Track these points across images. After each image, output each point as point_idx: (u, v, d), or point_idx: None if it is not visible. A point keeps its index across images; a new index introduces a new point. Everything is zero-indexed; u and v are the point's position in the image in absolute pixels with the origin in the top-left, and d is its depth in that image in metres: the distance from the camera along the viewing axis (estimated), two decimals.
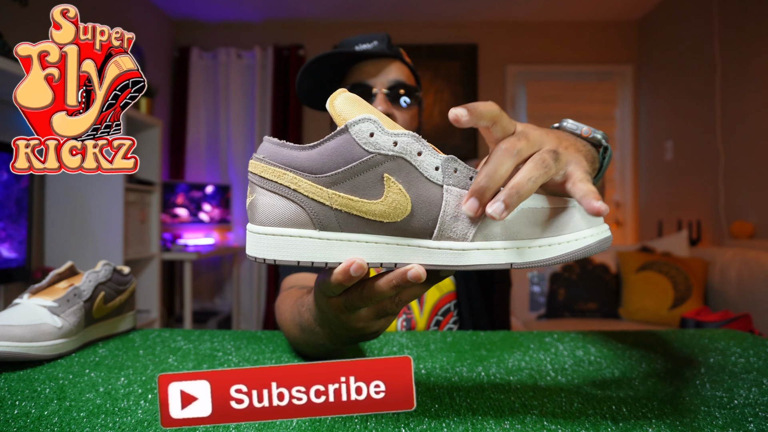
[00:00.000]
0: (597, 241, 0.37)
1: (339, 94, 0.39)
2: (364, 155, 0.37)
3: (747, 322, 1.55)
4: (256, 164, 0.39)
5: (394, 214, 0.38)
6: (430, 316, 0.89)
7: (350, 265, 0.37)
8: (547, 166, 0.37)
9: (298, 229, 0.38)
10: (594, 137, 0.48)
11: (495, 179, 0.37)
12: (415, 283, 0.37)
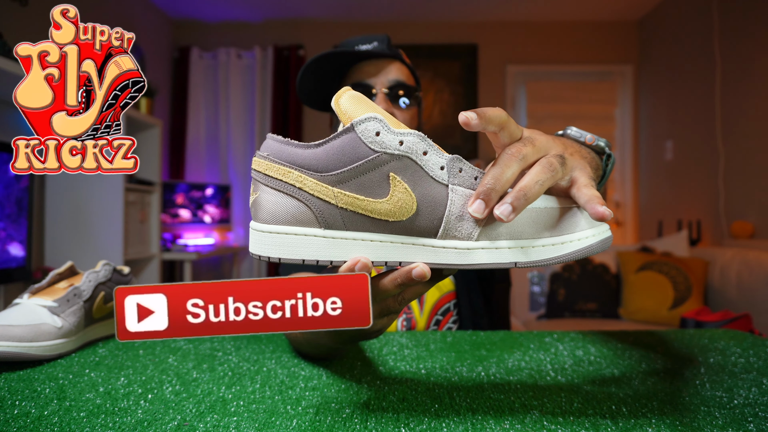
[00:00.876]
0: (598, 241, 0.38)
1: (344, 93, 0.39)
2: (370, 154, 0.37)
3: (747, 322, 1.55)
4: (260, 162, 0.39)
5: (399, 213, 0.38)
6: (430, 315, 0.89)
7: (355, 263, 0.37)
8: (554, 170, 0.39)
9: (303, 228, 0.38)
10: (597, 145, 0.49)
11: (501, 182, 0.38)
12: (419, 281, 0.38)
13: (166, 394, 0.47)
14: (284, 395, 0.47)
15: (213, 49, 3.68)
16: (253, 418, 0.42)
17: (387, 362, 0.59)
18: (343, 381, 0.51)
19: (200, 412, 0.43)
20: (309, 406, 0.44)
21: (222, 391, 0.48)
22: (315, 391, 0.48)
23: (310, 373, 0.54)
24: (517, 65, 3.65)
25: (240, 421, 0.41)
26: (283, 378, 0.52)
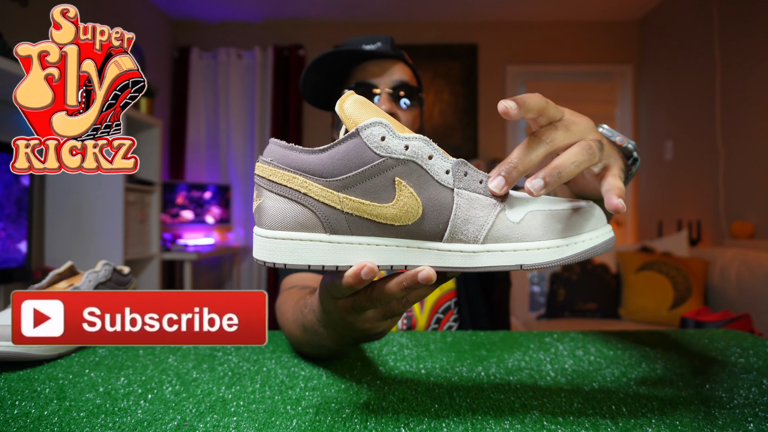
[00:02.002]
0: (602, 242, 0.39)
1: (348, 97, 0.39)
2: (376, 159, 0.37)
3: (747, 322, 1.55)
4: (263, 167, 0.39)
5: (405, 217, 0.38)
6: (430, 314, 0.89)
7: (361, 268, 0.37)
8: (592, 153, 0.39)
9: (309, 233, 0.38)
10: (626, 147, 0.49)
11: (524, 162, 0.38)
12: (425, 284, 0.38)
13: (166, 394, 0.47)
14: (284, 395, 0.47)
15: (213, 49, 3.68)
16: (253, 418, 0.42)
17: (387, 362, 0.59)
18: (343, 381, 0.51)
19: (200, 412, 0.43)
20: (309, 406, 0.44)
21: (222, 391, 0.48)
22: (315, 391, 0.48)
23: (310, 373, 0.54)
24: (517, 65, 3.65)
25: (240, 421, 0.41)
26: (283, 378, 0.52)
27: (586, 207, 0.40)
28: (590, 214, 0.40)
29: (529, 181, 0.37)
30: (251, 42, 3.66)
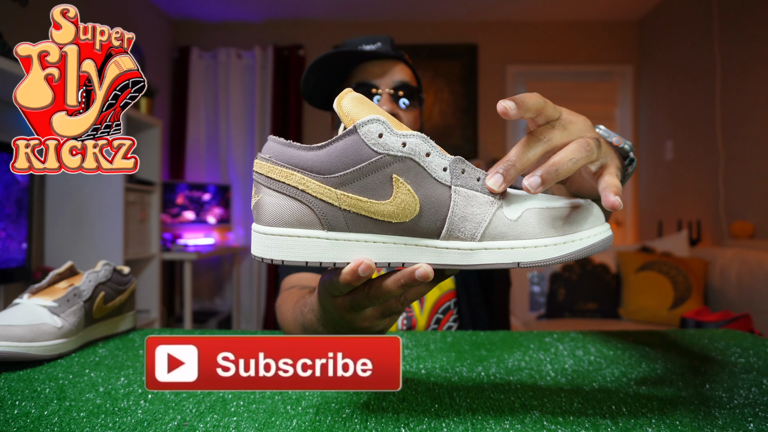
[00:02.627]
0: (600, 240, 0.39)
1: (346, 94, 0.39)
2: (373, 156, 0.37)
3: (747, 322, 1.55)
4: (261, 164, 0.39)
5: (402, 214, 0.38)
6: (430, 314, 0.89)
7: (359, 265, 0.37)
8: (590, 150, 0.39)
9: (306, 230, 0.38)
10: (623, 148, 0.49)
11: (522, 160, 0.39)
12: (422, 282, 0.38)
13: (166, 394, 0.47)
14: (284, 395, 0.47)
15: (213, 49, 3.68)
16: (253, 418, 0.42)
17: None
18: None
19: (200, 412, 0.43)
20: (309, 406, 0.44)
21: (222, 391, 0.48)
22: (315, 391, 0.48)
23: None
24: (517, 65, 3.65)
25: (240, 421, 0.41)
26: None
27: (584, 205, 0.40)
28: (588, 212, 0.40)
29: (526, 179, 0.37)
30: (251, 42, 3.66)
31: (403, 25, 3.65)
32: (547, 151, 0.39)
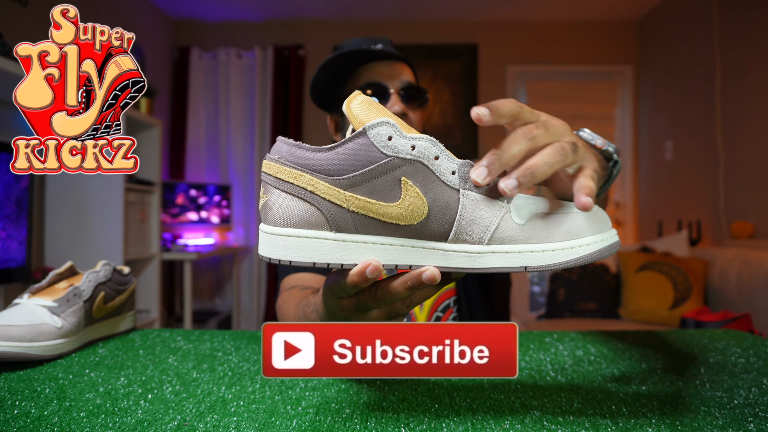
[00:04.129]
0: (606, 246, 0.39)
1: (355, 97, 0.39)
2: (382, 158, 0.38)
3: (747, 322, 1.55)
4: (270, 165, 0.39)
5: (410, 217, 0.38)
6: (429, 312, 0.90)
7: (366, 266, 0.37)
8: (565, 154, 0.39)
9: (314, 231, 0.38)
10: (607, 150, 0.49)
11: (506, 156, 0.39)
12: (429, 284, 0.38)
13: (166, 394, 0.47)
14: (284, 395, 0.47)
15: (213, 49, 3.68)
16: (253, 418, 0.42)
17: None
18: (343, 381, 0.51)
19: (200, 412, 0.43)
20: (309, 406, 0.44)
21: (222, 391, 0.48)
22: (315, 391, 0.48)
23: None
24: (517, 65, 3.65)
25: (240, 421, 0.41)
26: (283, 378, 0.52)
27: (592, 210, 0.40)
28: (595, 218, 0.40)
29: (502, 181, 0.38)
30: (251, 42, 3.66)
31: (403, 25, 3.65)
32: (531, 149, 0.40)
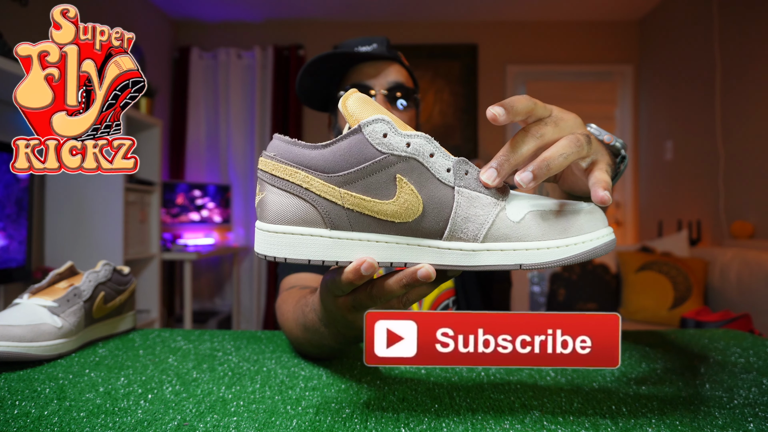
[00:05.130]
0: (603, 244, 0.39)
1: (351, 95, 0.39)
2: (377, 155, 0.38)
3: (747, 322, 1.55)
4: (266, 162, 0.39)
5: (405, 214, 0.38)
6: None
7: (361, 264, 0.37)
8: (580, 146, 0.39)
9: (310, 228, 0.38)
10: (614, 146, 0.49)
11: (515, 155, 0.39)
12: (424, 282, 0.38)
13: (166, 394, 0.47)
14: (284, 395, 0.47)
15: (213, 49, 3.68)
16: (253, 418, 0.42)
17: None
18: (343, 381, 0.51)
19: (200, 412, 0.43)
20: (309, 406, 0.44)
21: (222, 391, 0.48)
22: (315, 391, 0.48)
23: (310, 373, 0.54)
24: (517, 65, 3.65)
25: (240, 421, 0.41)
26: (283, 378, 0.52)
27: (587, 208, 0.40)
28: (591, 216, 0.40)
29: (518, 174, 0.38)
30: (251, 42, 3.66)
31: (403, 25, 3.65)
32: (540, 147, 0.40)
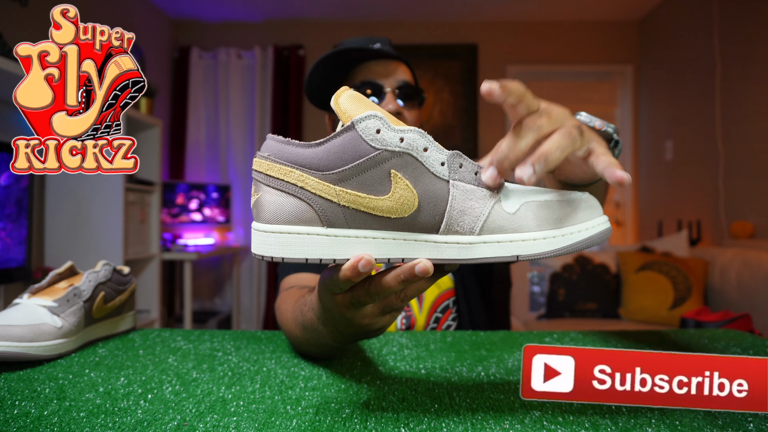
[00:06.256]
0: (599, 232, 0.39)
1: (343, 92, 0.39)
2: (371, 152, 0.38)
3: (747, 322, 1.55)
4: (261, 162, 0.39)
5: (401, 209, 0.38)
6: (429, 312, 0.89)
7: (358, 260, 0.37)
8: (574, 138, 0.39)
9: (306, 227, 0.38)
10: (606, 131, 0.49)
11: (515, 151, 0.39)
12: (422, 277, 0.38)
13: (166, 394, 0.47)
14: (284, 395, 0.47)
15: (213, 49, 3.68)
16: (253, 418, 0.42)
17: (387, 362, 0.59)
18: (343, 381, 0.51)
19: (200, 412, 0.43)
20: (309, 406, 0.44)
21: (222, 391, 0.48)
22: (315, 391, 0.48)
23: (310, 373, 0.54)
24: (517, 65, 3.65)
25: (240, 421, 0.41)
26: (283, 378, 0.52)
27: (582, 197, 0.40)
28: (586, 205, 0.40)
29: (518, 170, 0.38)
30: (251, 42, 3.66)
31: (403, 25, 3.65)
32: (537, 140, 0.40)
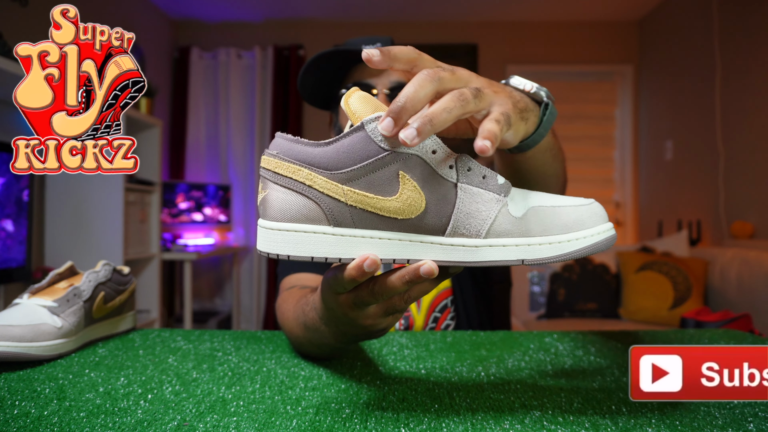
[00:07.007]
0: (603, 239, 0.39)
1: (353, 93, 0.40)
2: (380, 152, 0.38)
3: (747, 322, 1.55)
4: (269, 160, 0.39)
5: (408, 211, 0.38)
6: (427, 312, 0.89)
7: (364, 260, 0.37)
8: (465, 100, 0.38)
9: (312, 225, 0.38)
10: (537, 93, 0.48)
11: (413, 102, 0.37)
12: (426, 278, 0.38)
13: (166, 394, 0.47)
14: (284, 395, 0.47)
15: (213, 49, 3.68)
16: (253, 418, 0.42)
17: (387, 362, 0.59)
18: (343, 381, 0.51)
19: (200, 412, 0.43)
20: (309, 406, 0.44)
21: (222, 391, 0.48)
22: (315, 391, 0.48)
23: (310, 373, 0.54)
24: (517, 65, 3.65)
25: (240, 421, 0.41)
26: (283, 378, 0.52)
27: (588, 204, 0.40)
28: (591, 212, 0.40)
29: (402, 132, 0.36)
30: (251, 42, 3.66)
31: (403, 25, 3.65)
32: (438, 92, 0.38)
